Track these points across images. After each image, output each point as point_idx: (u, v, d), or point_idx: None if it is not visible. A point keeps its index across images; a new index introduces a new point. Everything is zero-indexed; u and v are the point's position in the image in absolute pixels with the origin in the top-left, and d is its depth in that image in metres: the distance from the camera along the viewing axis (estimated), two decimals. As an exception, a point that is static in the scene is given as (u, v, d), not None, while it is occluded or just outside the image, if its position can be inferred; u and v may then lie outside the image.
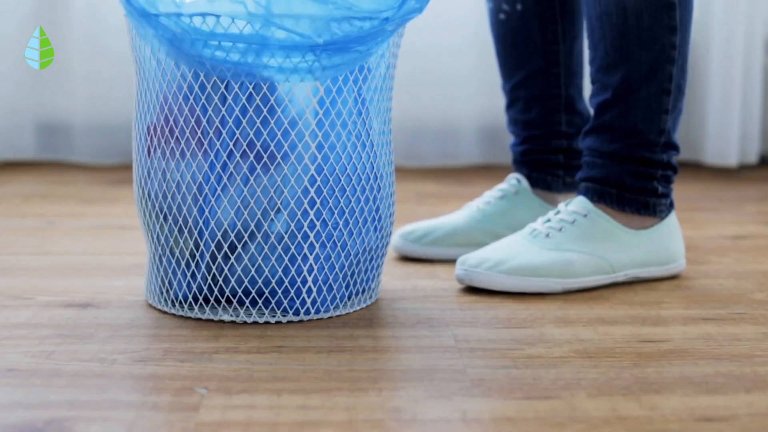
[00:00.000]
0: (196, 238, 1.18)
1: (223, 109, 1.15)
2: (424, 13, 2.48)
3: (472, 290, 1.34)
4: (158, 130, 1.19)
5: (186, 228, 1.18)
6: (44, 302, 1.26)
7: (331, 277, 1.20)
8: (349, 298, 1.24)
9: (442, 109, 2.63)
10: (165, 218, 1.20)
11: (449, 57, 2.60)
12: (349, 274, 1.22)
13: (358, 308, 1.24)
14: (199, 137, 1.16)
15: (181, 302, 1.21)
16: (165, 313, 1.22)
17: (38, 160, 2.58)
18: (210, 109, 1.15)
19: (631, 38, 1.35)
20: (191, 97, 1.15)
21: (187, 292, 1.21)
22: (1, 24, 2.52)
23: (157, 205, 1.20)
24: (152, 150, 1.19)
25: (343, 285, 1.22)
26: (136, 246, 1.57)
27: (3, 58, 2.53)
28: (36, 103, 2.58)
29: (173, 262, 1.21)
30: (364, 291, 1.26)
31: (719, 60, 2.56)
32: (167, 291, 1.22)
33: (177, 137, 1.17)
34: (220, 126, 1.15)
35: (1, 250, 1.56)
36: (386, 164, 1.25)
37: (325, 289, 1.20)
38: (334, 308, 1.21)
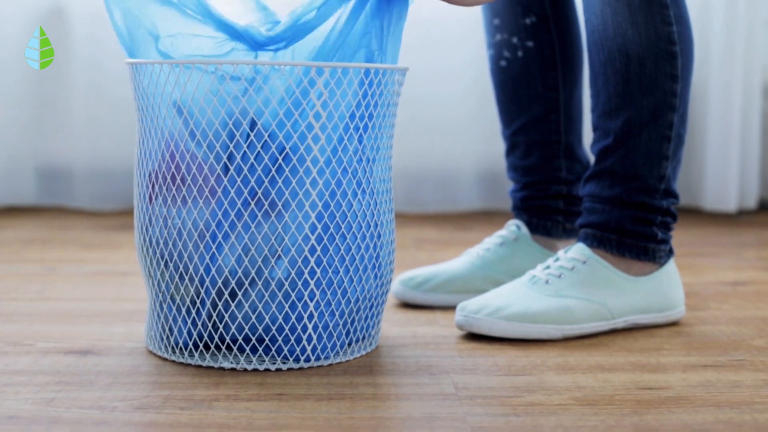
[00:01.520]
0: (197, 284, 1.18)
1: (224, 156, 1.15)
2: (424, 61, 2.51)
3: (471, 337, 1.34)
4: (160, 176, 1.19)
5: (187, 274, 1.18)
6: (44, 349, 1.26)
7: (331, 324, 1.20)
8: (349, 345, 1.24)
9: (442, 155, 2.64)
10: (166, 264, 1.20)
11: (449, 104, 2.62)
12: (349, 321, 1.22)
13: (358, 355, 1.24)
14: (201, 184, 1.16)
15: (181, 349, 1.21)
16: (165, 360, 1.22)
17: (39, 206, 2.59)
18: (211, 156, 1.16)
19: (634, 84, 1.36)
20: (193, 144, 1.16)
21: (188, 339, 1.21)
22: (4, 72, 2.53)
23: (158, 251, 1.20)
24: (154, 196, 1.20)
25: (343, 332, 1.22)
26: (137, 292, 1.57)
27: (5, 105, 2.54)
28: (37, 148, 2.59)
29: (174, 308, 1.21)
30: (364, 338, 1.26)
31: (718, 105, 2.57)
32: (168, 337, 1.22)
33: (179, 184, 1.17)
34: (221, 174, 1.16)
35: (1, 296, 1.56)
36: (386, 211, 1.26)
37: (325, 336, 1.20)
38: (334, 355, 1.21)
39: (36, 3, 2.53)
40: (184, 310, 1.20)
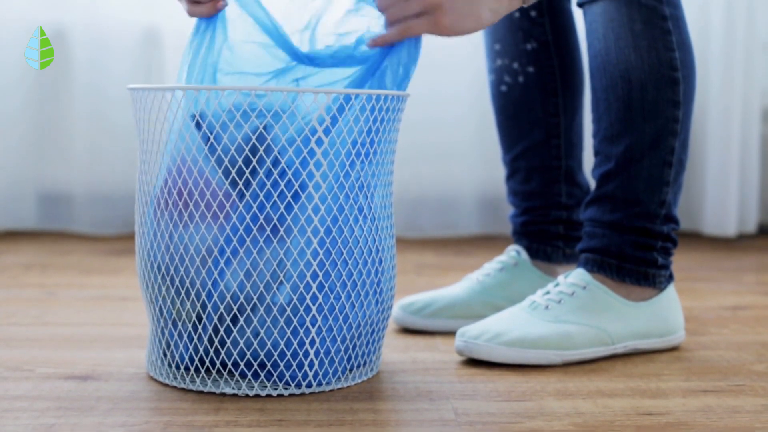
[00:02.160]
0: (199, 305, 1.18)
1: (224, 179, 1.16)
2: (425, 86, 2.51)
3: (471, 362, 1.34)
4: (166, 195, 1.20)
5: (190, 295, 1.18)
6: (44, 374, 1.26)
7: (332, 350, 1.20)
8: (350, 370, 1.24)
9: (442, 180, 2.64)
10: (171, 282, 1.20)
11: (449, 129, 2.62)
12: (350, 346, 1.22)
13: (358, 381, 1.24)
14: (207, 204, 1.17)
15: (183, 373, 1.21)
16: (166, 385, 1.22)
17: (39, 230, 2.59)
18: (220, 172, 1.16)
19: (636, 110, 1.37)
20: (198, 161, 1.17)
21: (189, 361, 1.21)
22: (4, 97, 2.54)
23: (161, 270, 1.21)
24: (159, 215, 1.20)
25: (344, 357, 1.22)
26: (137, 317, 1.57)
27: (6, 130, 2.55)
28: (37, 173, 2.59)
29: (176, 330, 1.21)
30: (365, 363, 1.26)
31: (717, 130, 2.58)
32: (169, 358, 1.22)
33: (185, 202, 1.18)
34: (228, 194, 1.16)
35: (1, 321, 1.56)
36: (387, 237, 1.26)
37: (326, 361, 1.20)
38: (335, 381, 1.21)
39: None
40: (185, 331, 1.20)
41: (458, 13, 1.21)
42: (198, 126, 1.17)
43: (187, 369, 1.21)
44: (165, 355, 1.22)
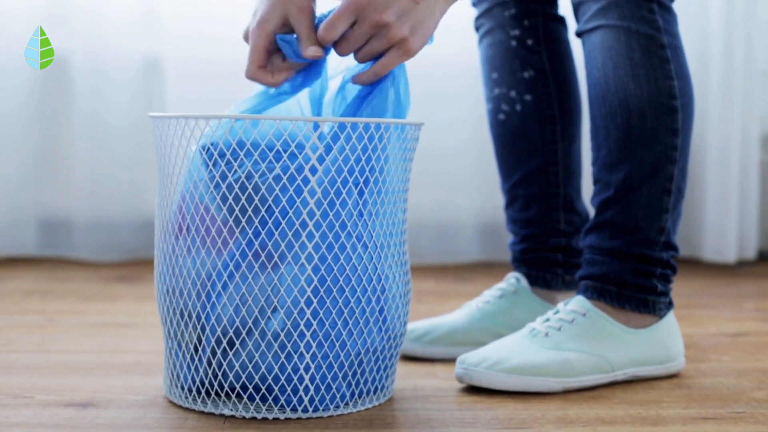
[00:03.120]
0: (198, 331, 1.20)
1: (222, 206, 1.16)
2: (424, 115, 2.53)
3: (471, 389, 1.34)
4: (172, 224, 1.21)
5: (191, 321, 1.20)
6: (44, 401, 1.26)
7: (329, 377, 1.20)
8: (359, 396, 1.24)
9: (442, 207, 2.65)
10: (177, 307, 1.22)
11: (449, 157, 2.63)
12: (350, 374, 1.22)
13: (369, 406, 1.24)
14: (203, 234, 1.18)
15: (190, 394, 1.22)
16: (165, 412, 1.22)
17: (39, 257, 2.59)
18: (218, 202, 1.17)
19: (635, 138, 1.37)
20: (200, 190, 1.18)
21: (191, 384, 1.22)
22: (6, 124, 2.55)
23: (170, 294, 1.23)
24: (167, 242, 1.22)
25: (344, 384, 1.21)
26: (137, 344, 1.57)
27: (7, 157, 2.56)
28: (38, 200, 2.60)
29: (182, 350, 1.22)
30: (375, 390, 1.26)
31: (716, 157, 2.59)
32: (182, 380, 1.23)
33: (187, 231, 1.19)
34: (222, 225, 1.17)
35: (1, 348, 1.56)
36: (395, 265, 1.25)
37: (323, 387, 1.19)
38: (334, 407, 1.21)
39: (37, 57, 2.55)
40: (188, 356, 1.22)
41: (421, 33, 1.22)
42: (209, 154, 1.18)
43: (189, 390, 1.22)
44: (178, 377, 1.24)
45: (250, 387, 1.19)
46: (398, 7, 1.19)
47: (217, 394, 1.22)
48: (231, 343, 1.19)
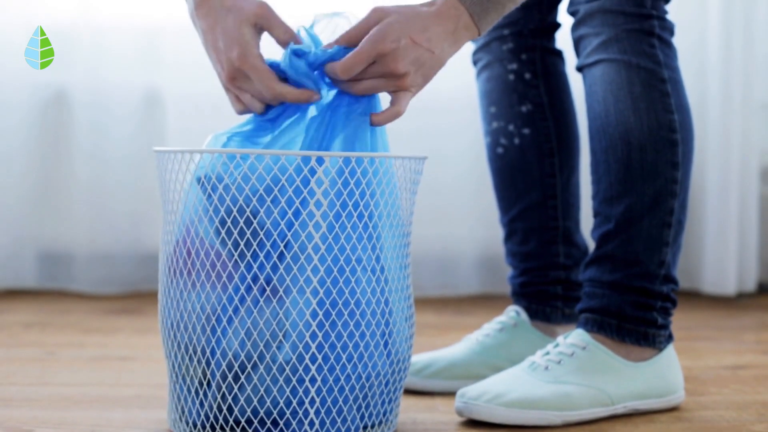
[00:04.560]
0: (204, 365, 1.20)
1: (227, 240, 1.16)
2: (424, 149, 2.53)
3: (471, 423, 1.34)
4: (175, 259, 1.21)
5: (196, 355, 1.20)
6: (43, 435, 1.26)
7: (334, 409, 1.19)
8: (364, 428, 1.23)
9: (442, 240, 2.65)
10: (178, 345, 1.22)
11: (448, 190, 2.63)
12: (363, 403, 1.21)
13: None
14: (208, 268, 1.18)
15: (192, 428, 1.22)
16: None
17: (39, 289, 2.59)
18: (223, 236, 1.17)
19: (635, 171, 1.38)
20: (204, 223, 1.18)
21: (197, 418, 1.21)
22: (6, 157, 2.55)
23: (172, 332, 1.23)
24: (172, 279, 1.22)
25: (357, 415, 1.20)
26: (136, 377, 1.57)
27: (7, 189, 2.56)
28: (38, 232, 2.60)
29: (186, 385, 1.22)
30: (381, 423, 1.25)
31: (716, 189, 2.59)
32: (186, 415, 1.23)
33: (191, 265, 1.19)
34: (227, 258, 1.17)
35: (0, 381, 1.56)
36: (400, 289, 1.25)
37: (328, 420, 1.19)
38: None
39: (36, 92, 2.56)
40: (193, 390, 1.21)
41: (429, 78, 1.23)
42: (203, 188, 1.18)
43: (194, 424, 1.22)
44: (183, 411, 1.23)
45: (255, 421, 1.19)
46: (416, 56, 1.20)
47: (222, 428, 1.22)
48: (237, 377, 1.19)
